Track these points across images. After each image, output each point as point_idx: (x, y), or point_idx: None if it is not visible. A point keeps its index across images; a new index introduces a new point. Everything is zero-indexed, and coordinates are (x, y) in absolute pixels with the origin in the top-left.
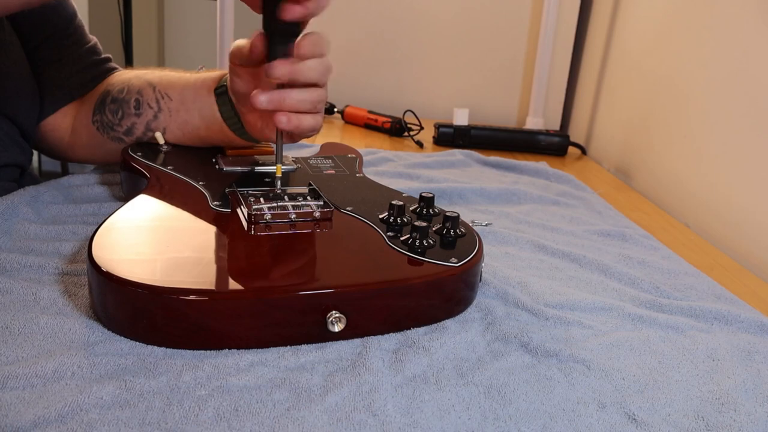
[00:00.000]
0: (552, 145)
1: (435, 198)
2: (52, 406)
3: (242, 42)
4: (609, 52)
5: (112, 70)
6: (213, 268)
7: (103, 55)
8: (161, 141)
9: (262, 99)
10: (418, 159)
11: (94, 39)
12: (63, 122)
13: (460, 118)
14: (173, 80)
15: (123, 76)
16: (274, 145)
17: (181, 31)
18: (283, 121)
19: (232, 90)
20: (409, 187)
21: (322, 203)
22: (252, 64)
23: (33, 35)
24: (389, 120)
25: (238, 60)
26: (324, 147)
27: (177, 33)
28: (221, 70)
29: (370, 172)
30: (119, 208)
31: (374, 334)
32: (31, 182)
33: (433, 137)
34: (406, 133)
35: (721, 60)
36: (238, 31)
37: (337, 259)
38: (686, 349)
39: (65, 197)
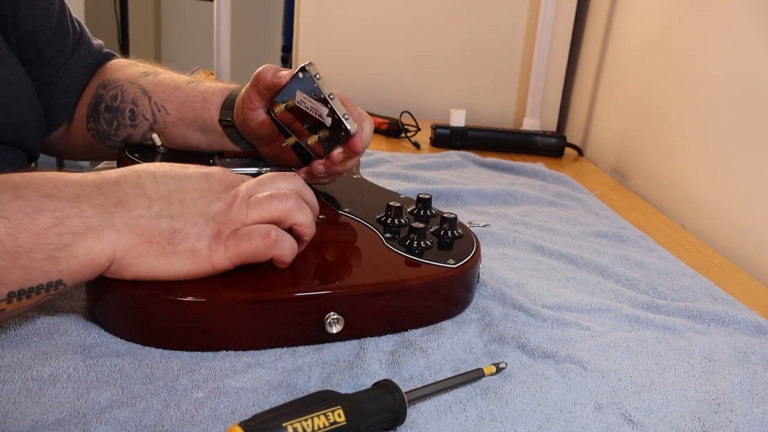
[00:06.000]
0: (549, 147)
1: (432, 199)
2: (49, 411)
3: (270, 72)
4: (606, 53)
5: (103, 61)
6: None
7: (94, 42)
8: (158, 142)
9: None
10: (415, 160)
11: (77, 21)
12: (60, 129)
13: (457, 119)
14: (169, 90)
15: (114, 75)
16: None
17: (177, 31)
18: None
19: (244, 127)
20: (406, 188)
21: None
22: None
23: (36, 41)
24: (386, 121)
25: (264, 89)
26: None
27: (174, 34)
28: (224, 82)
29: (367, 173)
30: None
31: (372, 336)
32: None
33: (430, 138)
34: (403, 134)
35: (717, 62)
36: (234, 31)
37: (335, 261)
38: (683, 350)
39: None
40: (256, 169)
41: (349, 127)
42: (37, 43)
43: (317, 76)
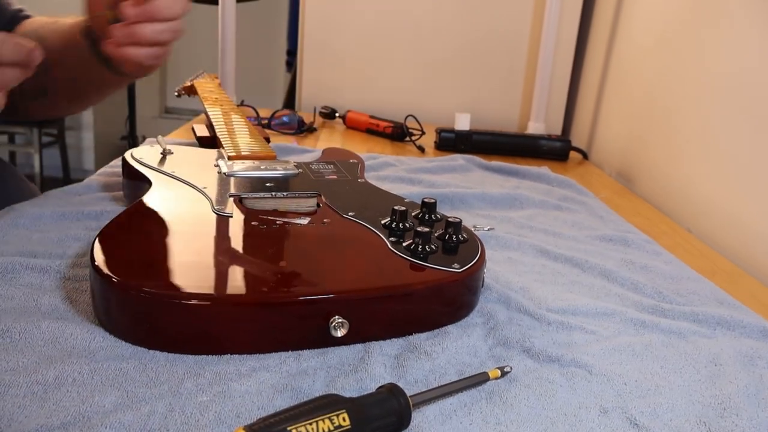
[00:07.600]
0: (554, 150)
1: (437, 203)
2: (54, 415)
3: None
4: (610, 57)
5: (20, 22)
6: (215, 272)
7: (13, 7)
8: (164, 146)
9: (118, 34)
10: (419, 164)
11: None
12: None
13: (462, 123)
14: (50, 19)
15: (21, 30)
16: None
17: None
18: (136, 54)
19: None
20: (411, 192)
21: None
22: None
23: None
24: (391, 125)
25: None
26: (326, 152)
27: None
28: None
29: (371, 177)
30: (121, 212)
31: (376, 340)
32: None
33: (435, 142)
34: (407, 138)
35: (722, 65)
36: (239, 35)
37: (340, 265)
38: (688, 354)
39: (66, 203)
40: (260, 172)
41: None
42: None
43: None
